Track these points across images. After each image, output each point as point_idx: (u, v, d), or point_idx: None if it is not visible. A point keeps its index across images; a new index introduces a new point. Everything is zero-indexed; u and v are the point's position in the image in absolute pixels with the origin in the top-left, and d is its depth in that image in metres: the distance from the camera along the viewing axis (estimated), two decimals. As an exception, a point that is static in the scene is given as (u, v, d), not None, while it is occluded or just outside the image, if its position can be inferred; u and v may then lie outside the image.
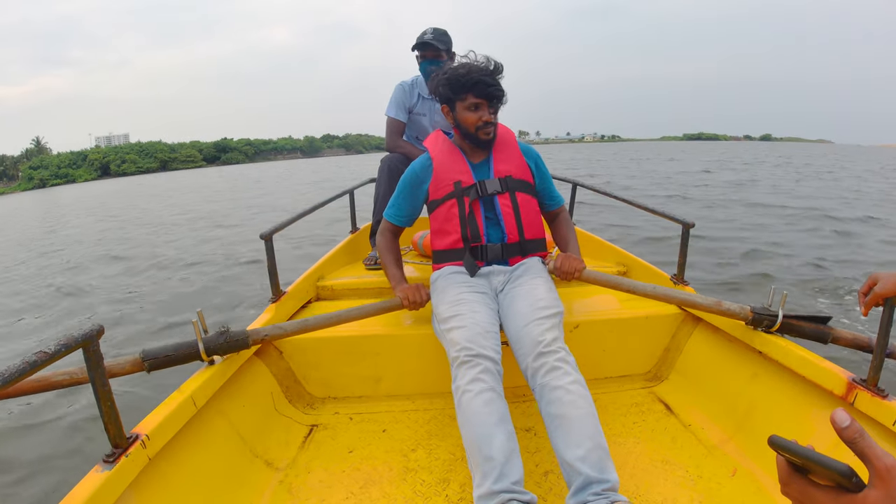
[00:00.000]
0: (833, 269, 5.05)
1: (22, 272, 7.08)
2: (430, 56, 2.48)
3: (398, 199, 1.82)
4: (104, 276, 6.28)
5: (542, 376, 1.32)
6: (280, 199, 15.76)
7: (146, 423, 1.18)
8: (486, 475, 1.16)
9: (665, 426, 1.64)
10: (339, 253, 2.80)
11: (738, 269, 5.15)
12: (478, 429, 1.23)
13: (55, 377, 1.43)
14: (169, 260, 6.92)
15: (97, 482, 0.99)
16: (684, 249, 2.02)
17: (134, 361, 1.41)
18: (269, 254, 1.96)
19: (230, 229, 9.63)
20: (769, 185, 14.03)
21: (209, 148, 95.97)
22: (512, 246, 1.72)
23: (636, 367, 1.95)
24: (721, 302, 1.62)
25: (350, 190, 3.13)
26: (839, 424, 0.43)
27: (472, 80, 1.63)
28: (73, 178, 64.88)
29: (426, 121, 2.68)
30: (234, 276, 5.77)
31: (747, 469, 1.39)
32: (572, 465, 1.16)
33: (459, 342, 1.39)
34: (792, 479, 0.47)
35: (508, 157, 1.78)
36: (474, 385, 1.29)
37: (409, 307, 1.67)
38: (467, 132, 1.70)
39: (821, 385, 1.35)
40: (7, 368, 0.90)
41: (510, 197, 1.71)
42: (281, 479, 1.44)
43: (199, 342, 1.43)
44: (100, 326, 1.07)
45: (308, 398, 1.84)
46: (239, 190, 21.31)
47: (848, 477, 0.41)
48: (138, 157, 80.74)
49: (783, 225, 7.60)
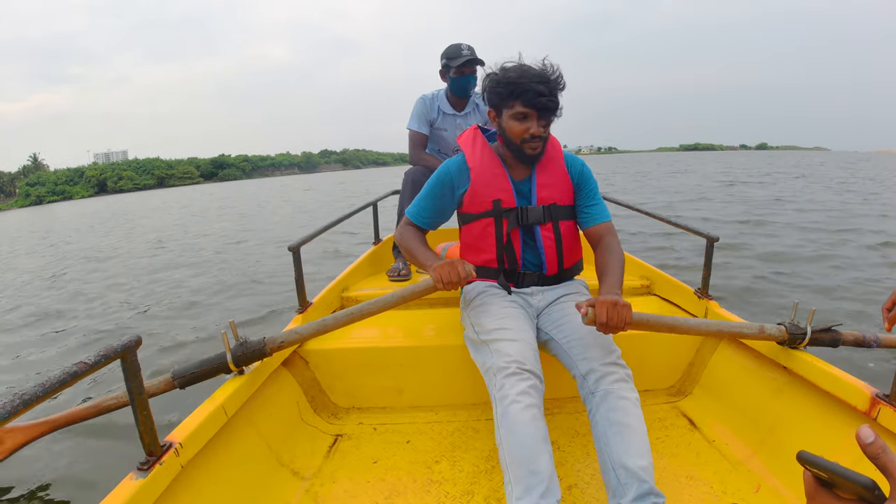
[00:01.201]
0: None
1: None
2: (468, 72, 2.52)
3: (424, 199, 1.65)
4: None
5: (610, 383, 1.29)
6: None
7: (179, 432, 1.21)
8: (530, 489, 1.13)
9: (689, 441, 1.64)
10: (362, 264, 2.84)
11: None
12: (525, 440, 1.19)
13: (106, 402, 1.59)
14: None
15: (132, 490, 1.01)
16: (709, 263, 2.01)
17: (166, 381, 1.50)
18: (297, 265, 1.99)
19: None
20: (805, 199, 11.90)
21: (206, 164, 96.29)
22: (550, 278, 1.63)
23: (660, 381, 1.94)
24: (763, 327, 1.54)
25: (374, 202, 3.17)
26: (864, 441, 0.45)
27: (521, 87, 1.44)
28: (70, 195, 64.85)
29: (448, 135, 2.71)
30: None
31: (771, 485, 1.39)
32: (635, 472, 1.15)
33: (511, 354, 1.34)
34: (818, 494, 0.49)
35: (553, 178, 1.60)
36: (524, 398, 1.25)
37: (445, 288, 1.42)
38: (511, 143, 1.53)
39: (844, 400, 1.35)
40: (48, 379, 0.93)
41: (553, 228, 1.59)
42: (307, 489, 1.45)
43: (228, 353, 1.46)
44: (138, 337, 1.10)
45: (333, 408, 1.86)
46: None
47: (871, 490, 0.43)
48: (135, 173, 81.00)
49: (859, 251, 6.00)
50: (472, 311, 1.59)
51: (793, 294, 4.33)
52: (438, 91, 2.69)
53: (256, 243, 9.04)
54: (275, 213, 16.24)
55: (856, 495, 0.46)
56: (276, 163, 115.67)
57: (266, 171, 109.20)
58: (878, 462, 0.44)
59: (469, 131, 1.71)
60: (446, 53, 2.55)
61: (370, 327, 2.02)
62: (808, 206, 10.49)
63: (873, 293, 4.27)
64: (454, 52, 2.52)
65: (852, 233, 7.17)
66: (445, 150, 2.78)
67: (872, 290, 4.36)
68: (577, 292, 1.62)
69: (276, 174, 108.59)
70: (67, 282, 6.87)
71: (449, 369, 1.80)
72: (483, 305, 1.56)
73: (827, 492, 0.48)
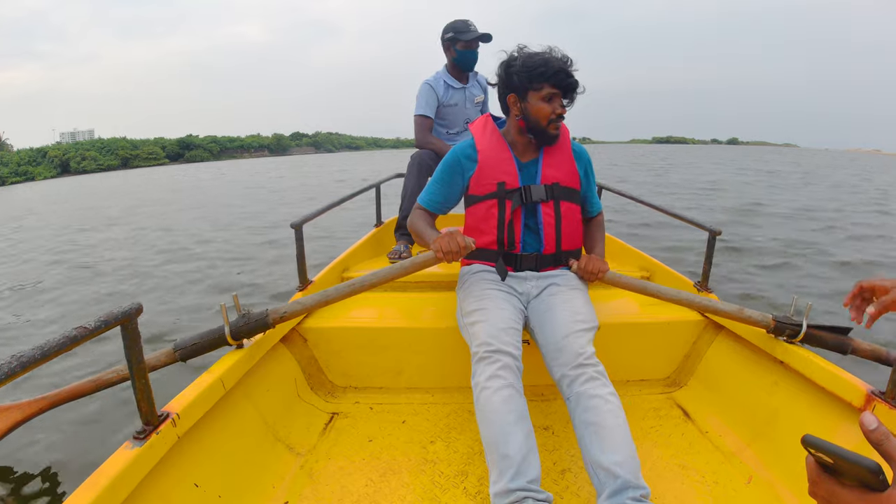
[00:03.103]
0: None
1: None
2: (475, 46, 2.63)
3: (436, 185, 1.71)
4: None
5: (580, 384, 1.32)
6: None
7: (177, 402, 1.21)
8: (502, 472, 1.17)
9: (683, 431, 1.65)
10: (363, 246, 2.84)
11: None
12: (496, 426, 1.23)
13: (105, 376, 1.59)
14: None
15: (128, 458, 1.01)
16: (710, 256, 2.01)
17: (168, 354, 1.50)
18: (299, 243, 1.99)
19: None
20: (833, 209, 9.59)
21: (173, 145, 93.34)
22: (546, 257, 1.66)
23: (656, 372, 1.95)
24: (743, 309, 1.61)
25: (377, 184, 3.18)
26: (867, 427, 0.45)
27: (552, 69, 1.52)
28: (33, 176, 62.12)
29: (458, 109, 2.76)
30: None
31: (763, 477, 1.40)
32: (609, 468, 1.16)
33: (480, 337, 1.40)
34: (821, 479, 0.48)
35: (560, 160, 1.67)
36: (493, 382, 1.29)
37: (445, 258, 1.45)
38: (537, 125, 1.58)
39: (840, 396, 1.35)
40: (47, 342, 0.92)
41: (554, 206, 1.64)
42: (302, 465, 1.47)
43: (226, 325, 1.46)
44: (139, 304, 1.10)
45: (329, 386, 1.87)
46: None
47: (875, 473, 0.43)
48: (99, 154, 78.03)
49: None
50: (460, 292, 1.67)
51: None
52: (437, 73, 2.76)
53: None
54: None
55: (859, 481, 0.45)
56: (245, 144, 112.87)
57: (235, 152, 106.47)
58: (881, 449, 0.44)
59: (481, 119, 1.79)
60: (454, 27, 2.63)
61: (370, 307, 2.03)
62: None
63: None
64: (462, 26, 2.60)
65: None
66: (453, 128, 2.83)
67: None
68: (570, 285, 1.64)
69: (245, 156, 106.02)
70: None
71: (446, 352, 1.81)
72: (468, 287, 1.62)
73: (830, 478, 0.48)
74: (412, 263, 1.53)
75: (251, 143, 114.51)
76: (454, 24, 2.64)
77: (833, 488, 0.47)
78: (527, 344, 1.53)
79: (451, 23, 2.65)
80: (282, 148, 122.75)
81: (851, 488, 0.46)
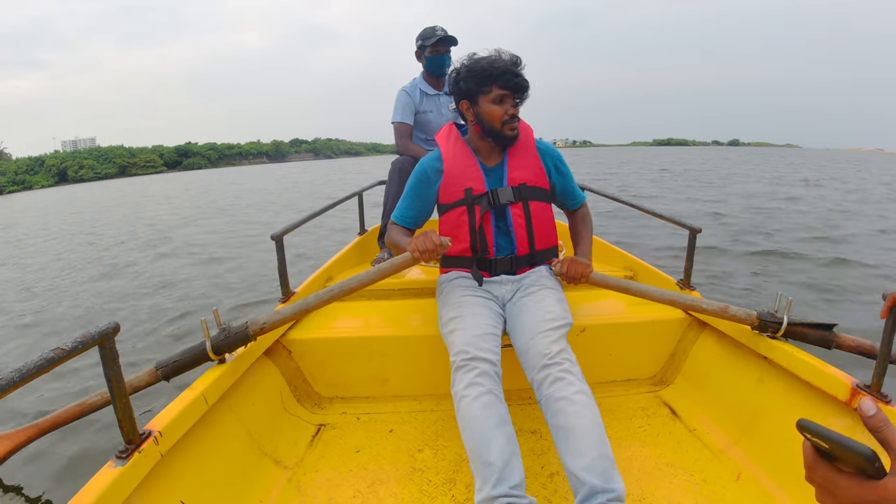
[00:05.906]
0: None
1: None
2: (443, 51, 2.64)
3: (406, 199, 1.73)
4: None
5: (546, 387, 1.31)
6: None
7: (159, 420, 1.20)
8: (485, 480, 1.16)
9: (670, 430, 1.65)
10: (347, 254, 2.83)
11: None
12: (476, 433, 1.23)
13: (90, 400, 1.60)
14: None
15: (110, 478, 1.01)
16: (691, 254, 2.03)
17: (150, 373, 1.49)
18: (280, 254, 1.97)
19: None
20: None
21: (171, 153, 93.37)
22: (521, 258, 1.67)
23: (642, 371, 1.95)
24: (727, 307, 1.62)
25: (359, 192, 3.17)
26: (865, 413, 0.44)
27: (498, 70, 1.54)
28: (31, 185, 62.19)
29: (433, 116, 2.77)
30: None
31: (751, 474, 1.40)
32: (577, 475, 1.16)
33: (457, 345, 1.40)
34: (817, 465, 0.47)
35: (525, 161, 1.68)
36: (471, 389, 1.29)
37: (423, 257, 1.43)
38: (492, 128, 1.60)
39: (825, 390, 1.36)
40: (25, 365, 0.92)
41: (523, 207, 1.64)
42: (289, 478, 1.46)
43: (207, 341, 1.45)
44: (115, 324, 1.09)
45: (316, 398, 1.86)
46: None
47: (871, 461, 0.42)
48: (96, 162, 77.97)
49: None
50: (439, 301, 1.68)
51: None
52: (414, 79, 2.77)
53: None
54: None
55: (855, 467, 0.44)
56: (244, 151, 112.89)
57: (233, 159, 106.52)
58: (879, 435, 0.44)
59: (445, 128, 1.80)
60: (421, 35, 2.68)
61: (354, 316, 2.02)
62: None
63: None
64: (428, 32, 2.64)
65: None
66: (431, 135, 2.82)
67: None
68: (541, 284, 1.63)
69: (244, 163, 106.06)
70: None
71: (432, 359, 1.80)
72: (445, 296, 1.63)
73: (826, 464, 0.47)
74: (391, 265, 1.50)
75: (250, 150, 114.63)
76: (423, 32, 2.70)
77: (830, 474, 0.46)
78: (508, 348, 1.53)
79: (421, 31, 2.70)
80: (280, 154, 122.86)
81: (848, 475, 0.45)
